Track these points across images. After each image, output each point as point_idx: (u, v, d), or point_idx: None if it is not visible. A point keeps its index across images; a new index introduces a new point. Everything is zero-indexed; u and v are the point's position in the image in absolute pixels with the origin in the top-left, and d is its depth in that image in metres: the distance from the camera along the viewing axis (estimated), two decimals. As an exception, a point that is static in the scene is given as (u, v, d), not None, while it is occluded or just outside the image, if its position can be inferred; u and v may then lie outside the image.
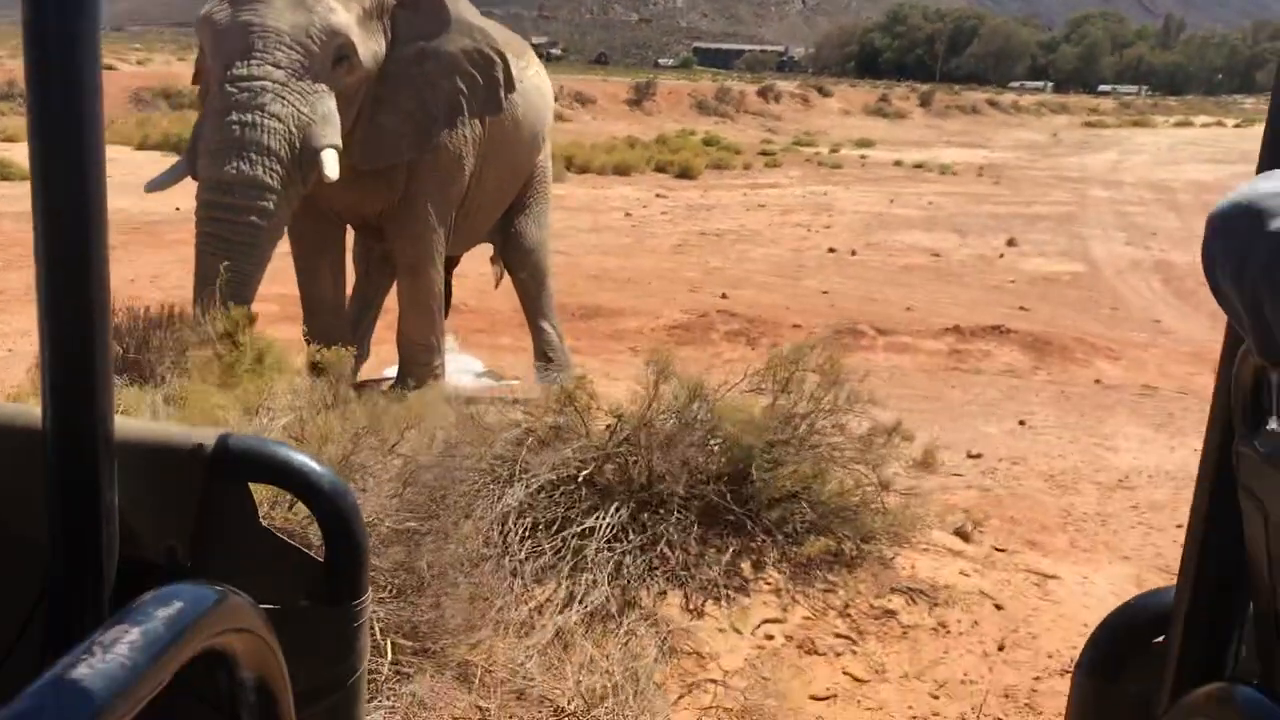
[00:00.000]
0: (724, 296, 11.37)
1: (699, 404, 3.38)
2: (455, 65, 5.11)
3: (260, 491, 1.09)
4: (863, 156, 34.25)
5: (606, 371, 7.80)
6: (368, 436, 2.84)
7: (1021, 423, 6.96)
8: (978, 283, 13.27)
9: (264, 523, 1.05)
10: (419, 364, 5.66)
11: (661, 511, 3.07)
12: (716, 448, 3.24)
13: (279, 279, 7.04)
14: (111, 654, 0.69)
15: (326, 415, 2.93)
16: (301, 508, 1.18)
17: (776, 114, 49.91)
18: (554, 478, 3.03)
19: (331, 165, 4.51)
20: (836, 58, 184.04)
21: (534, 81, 6.11)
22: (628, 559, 2.96)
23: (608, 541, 2.95)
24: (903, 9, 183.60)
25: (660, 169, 25.70)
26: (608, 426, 3.23)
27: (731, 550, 3.11)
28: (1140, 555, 4.03)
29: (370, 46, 4.80)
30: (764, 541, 3.18)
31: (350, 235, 6.24)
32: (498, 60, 5.22)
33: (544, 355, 6.54)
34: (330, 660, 1.05)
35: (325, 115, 4.53)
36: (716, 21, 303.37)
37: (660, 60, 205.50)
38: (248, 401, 3.40)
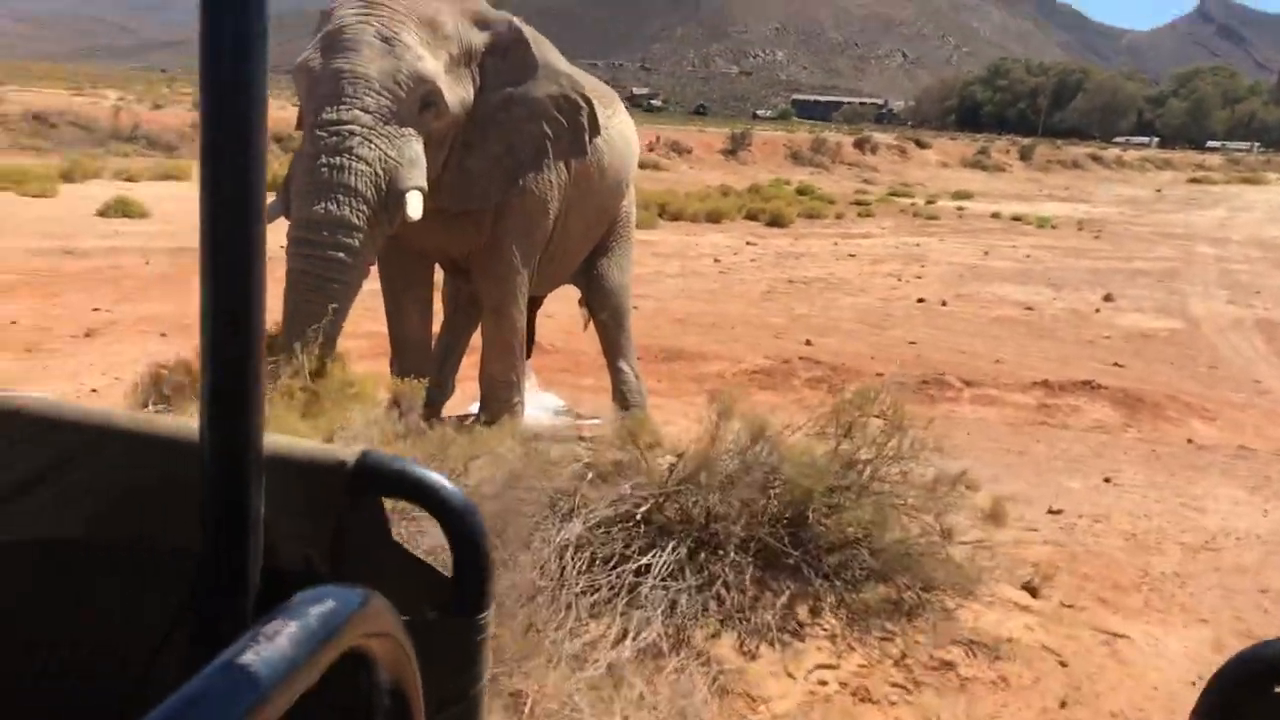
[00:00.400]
0: (808, 343, 11.32)
1: (761, 445, 3.37)
2: (541, 110, 5.22)
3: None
4: (959, 208, 33.91)
5: (685, 413, 7.83)
6: (434, 465, 2.90)
7: (1107, 480, 6.79)
8: (1071, 337, 13.00)
9: (395, 537, 1.09)
10: (499, 401, 5.74)
11: (719, 552, 3.06)
12: (777, 490, 3.23)
13: (370, 317, 7.24)
14: (274, 645, 0.73)
15: (397, 445, 3.00)
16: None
17: (873, 165, 49.76)
18: (612, 514, 3.04)
19: (415, 206, 4.61)
20: (936, 111, 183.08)
21: (620, 130, 6.20)
22: (683, 598, 2.95)
23: (663, 579, 2.95)
24: (1004, 63, 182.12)
25: (752, 217, 25.77)
26: (670, 466, 3.24)
27: (788, 594, 3.09)
28: (1219, 618, 3.88)
29: (457, 92, 4.91)
30: (822, 586, 3.14)
31: (440, 275, 6.39)
32: (583, 105, 5.32)
33: (621, 396, 6.59)
34: (455, 671, 1.08)
35: (411, 158, 4.64)
36: (815, 74, 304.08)
37: (759, 112, 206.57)
38: (326, 430, 3.49)
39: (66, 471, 1.18)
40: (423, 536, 2.31)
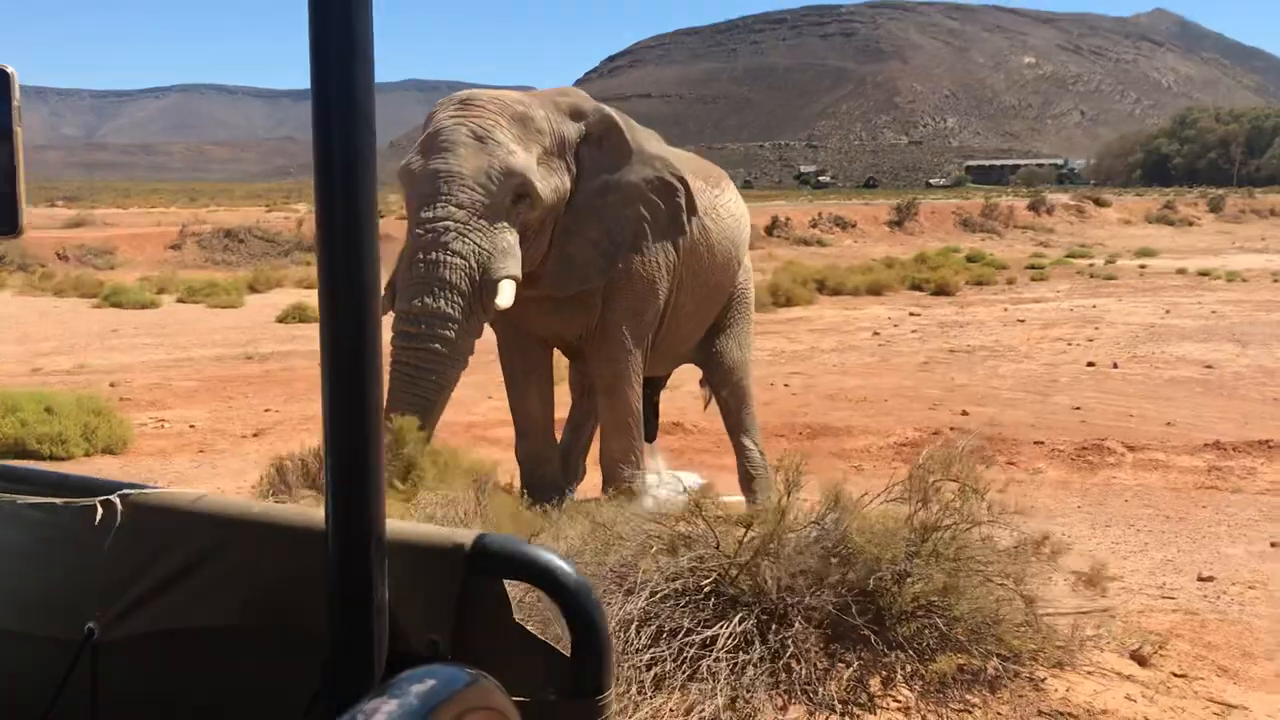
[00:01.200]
0: (964, 413, 11.03)
1: (832, 514, 3.33)
2: (638, 194, 5.36)
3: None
4: (1142, 266, 32.54)
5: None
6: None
7: (1275, 544, 6.35)
8: (1255, 395, 12.24)
9: (516, 618, 1.12)
10: (618, 480, 5.81)
11: (788, 624, 3.02)
12: (847, 559, 3.17)
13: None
14: None
15: (466, 522, 3.11)
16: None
17: (1049, 227, 48.34)
18: (679, 587, 3.05)
19: (506, 295, 4.80)
20: (1120, 167, 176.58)
21: (729, 208, 6.29)
22: (750, 670, 2.92)
23: (728, 651, 2.93)
24: (1191, 112, 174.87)
25: (916, 287, 25.39)
26: (738, 538, 3.23)
27: (858, 665, 3.01)
28: (1365, 691, 3.57)
29: (551, 183, 5.11)
30: (895, 657, 3.05)
31: (566, 361, 6.56)
32: (679, 186, 5.44)
33: (746, 473, 6.58)
34: None
35: (504, 249, 4.85)
36: (989, 139, 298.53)
37: (931, 181, 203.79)
38: (403, 511, 3.64)
39: (213, 561, 1.25)
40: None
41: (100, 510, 1.28)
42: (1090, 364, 14.33)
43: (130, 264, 28.13)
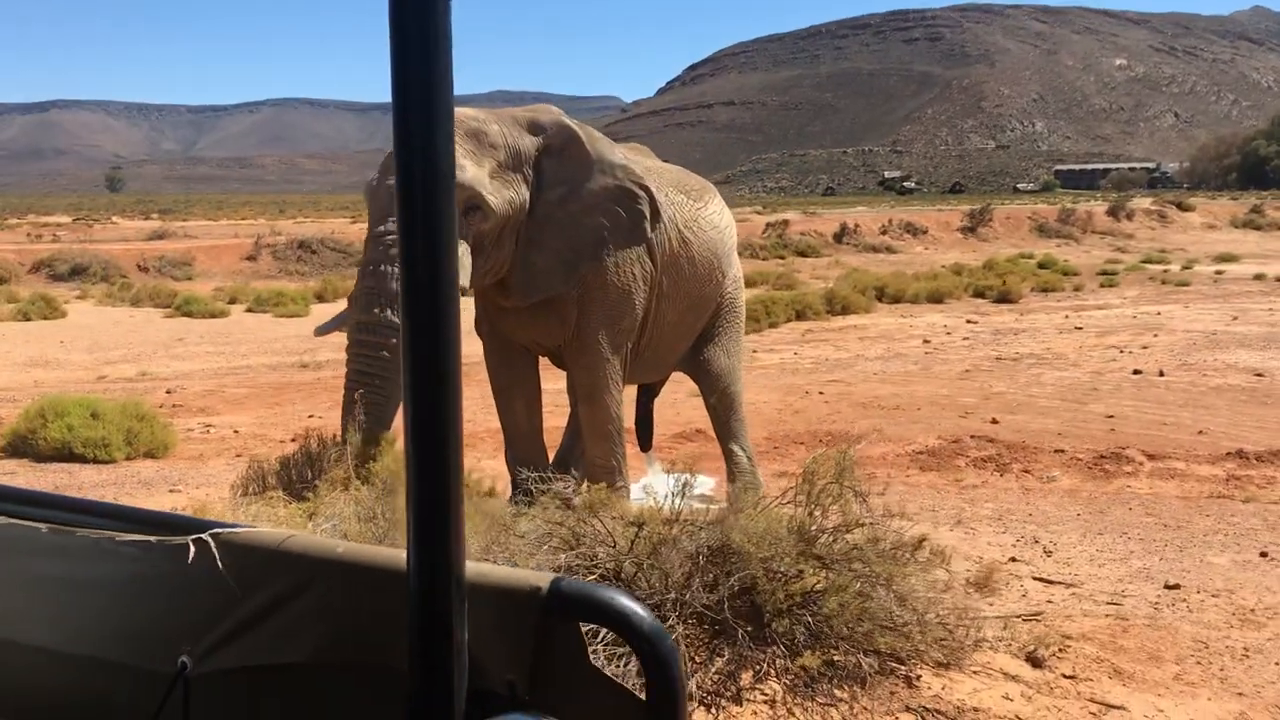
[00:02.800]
0: (994, 421, 10.99)
1: (726, 516, 3.46)
2: (598, 203, 5.56)
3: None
4: (1218, 272, 31.74)
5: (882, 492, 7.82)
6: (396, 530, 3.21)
7: (1264, 554, 6.29)
8: (1301, 404, 11.97)
9: (592, 660, 1.16)
10: (600, 486, 6.00)
11: (671, 619, 3.17)
12: (729, 558, 3.31)
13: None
14: None
15: (366, 524, 3.32)
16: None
17: (1128, 233, 47.32)
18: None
19: None
20: (1215, 170, 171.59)
21: (711, 220, 6.44)
22: (619, 662, 3.06)
23: (606, 645, 3.09)
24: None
25: (979, 294, 25.13)
26: (630, 537, 3.38)
27: (726, 658, 3.15)
28: (1261, 694, 3.58)
29: (505, 195, 5.32)
30: (769, 653, 3.17)
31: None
32: (640, 194, 5.60)
33: (734, 479, 6.71)
34: None
35: None
36: (1080, 143, 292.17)
37: (1019, 185, 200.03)
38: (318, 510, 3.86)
39: (299, 599, 1.28)
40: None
41: (192, 548, 1.32)
42: (1136, 372, 14.13)
43: (207, 274, 29.09)
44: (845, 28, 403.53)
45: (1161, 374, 13.90)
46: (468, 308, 6.50)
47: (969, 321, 20.71)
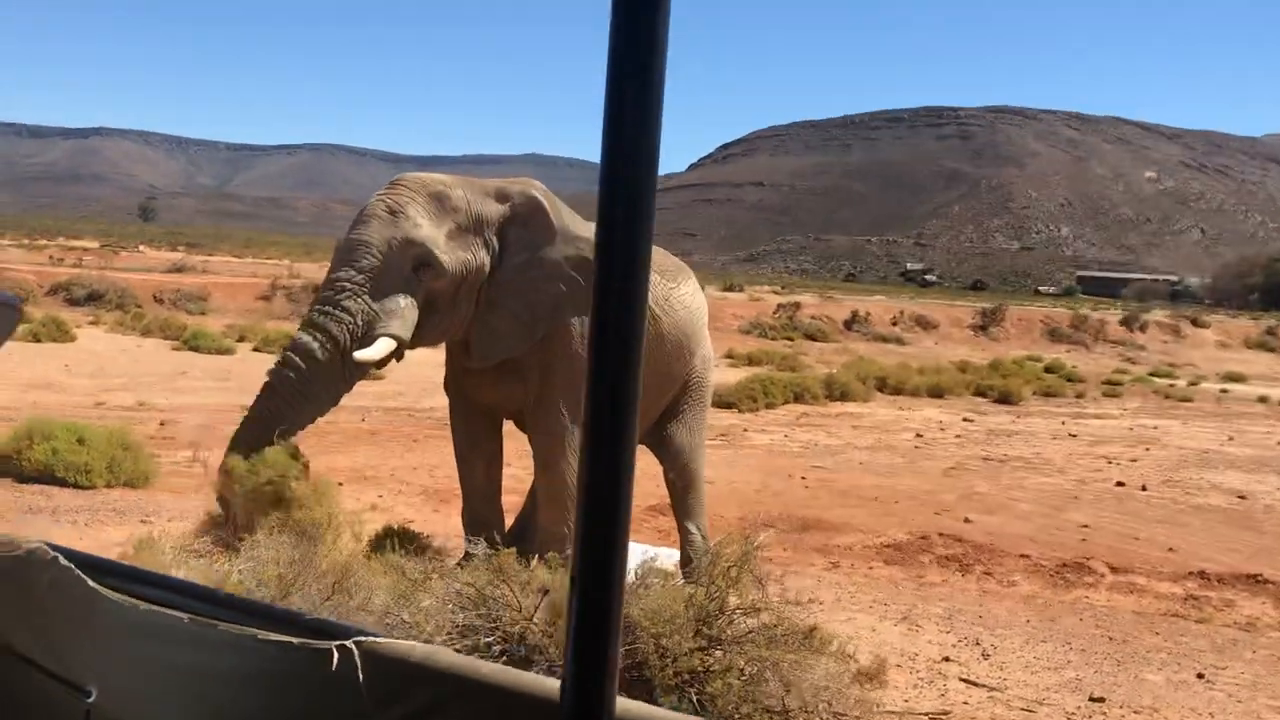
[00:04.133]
0: (967, 521, 11.07)
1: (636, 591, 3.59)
2: (559, 271, 5.80)
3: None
4: (1223, 390, 31.75)
5: (779, 580, 7.92)
6: (303, 577, 3.35)
7: (1200, 676, 6.36)
8: (1276, 530, 12.00)
9: None
10: (555, 549, 6.11)
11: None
12: (627, 631, 3.43)
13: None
14: None
15: (285, 569, 3.46)
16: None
17: (1140, 344, 47.42)
18: (471, 644, 3.35)
19: (376, 348, 5.34)
20: (1237, 288, 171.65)
21: (684, 300, 6.64)
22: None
23: None
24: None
25: (980, 393, 25.22)
26: (535, 603, 3.51)
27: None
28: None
29: (460, 255, 5.60)
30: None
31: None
32: None
33: (686, 556, 6.81)
34: None
35: (392, 310, 5.39)
36: (1105, 250, 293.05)
37: (1041, 288, 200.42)
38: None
39: (437, 717, 1.28)
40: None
41: (336, 654, 1.31)
42: (1119, 484, 14.19)
43: (220, 311, 29.49)
44: (879, 119, 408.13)
45: (1144, 488, 13.95)
46: (422, 361, 6.70)
47: (965, 419, 20.80)
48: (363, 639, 1.33)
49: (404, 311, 5.44)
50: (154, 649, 1.47)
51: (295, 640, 1.36)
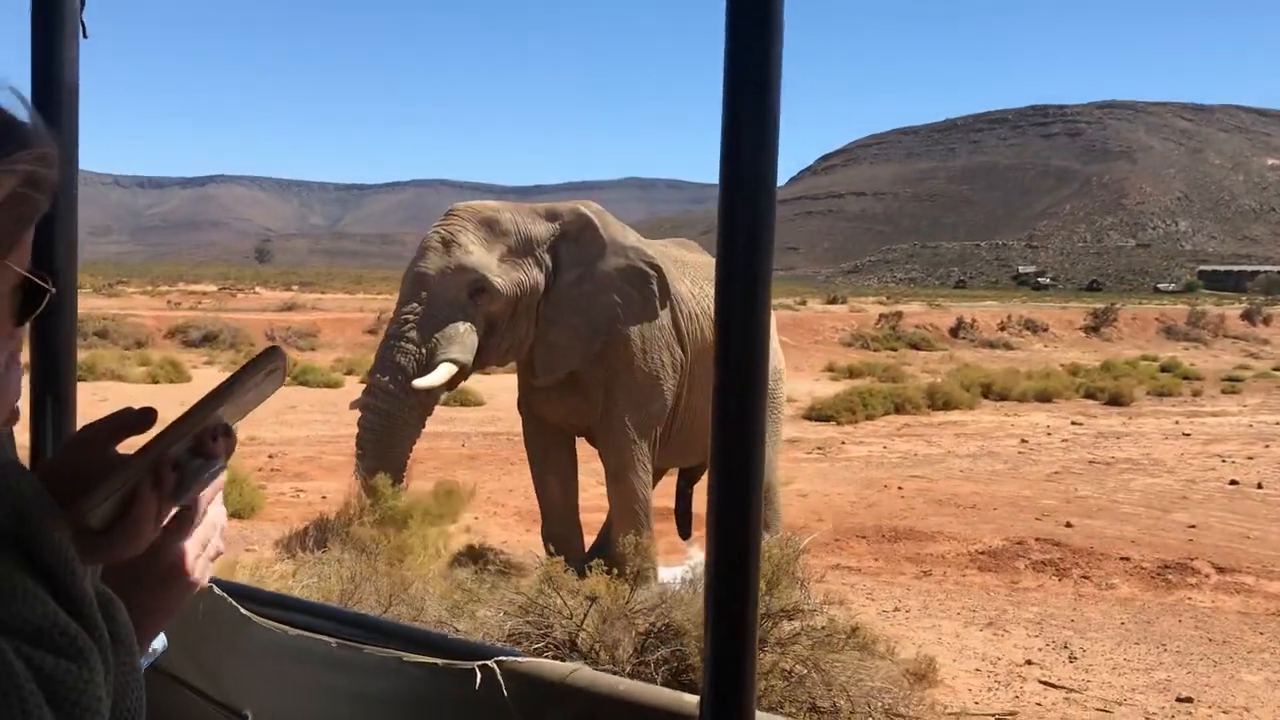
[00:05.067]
0: (1068, 525, 10.84)
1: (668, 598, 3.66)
2: (610, 282, 5.94)
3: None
4: (1354, 384, 30.30)
5: (869, 591, 7.90)
6: (362, 589, 3.50)
7: (1302, 676, 6.15)
8: None
9: None
10: (597, 559, 6.23)
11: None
12: (671, 636, 3.50)
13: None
14: None
15: (358, 582, 3.63)
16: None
17: (1264, 338, 45.59)
18: (529, 649, 3.46)
19: (438, 374, 5.56)
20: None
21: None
22: None
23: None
24: None
25: (1090, 395, 24.57)
26: (584, 609, 3.61)
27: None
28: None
29: (513, 277, 5.79)
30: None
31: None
32: (651, 273, 5.96)
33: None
34: None
35: (452, 336, 5.60)
36: (1226, 243, 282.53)
37: (1159, 285, 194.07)
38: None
39: None
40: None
41: (479, 674, 1.34)
42: (1233, 482, 13.71)
43: (330, 346, 30.37)
44: (981, 121, 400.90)
45: (1260, 486, 13.45)
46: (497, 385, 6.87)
47: (1073, 423, 20.30)
48: (504, 658, 1.35)
49: (463, 337, 5.66)
50: (304, 672, 1.52)
51: (440, 661, 1.39)
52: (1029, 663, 5.97)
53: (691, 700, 1.14)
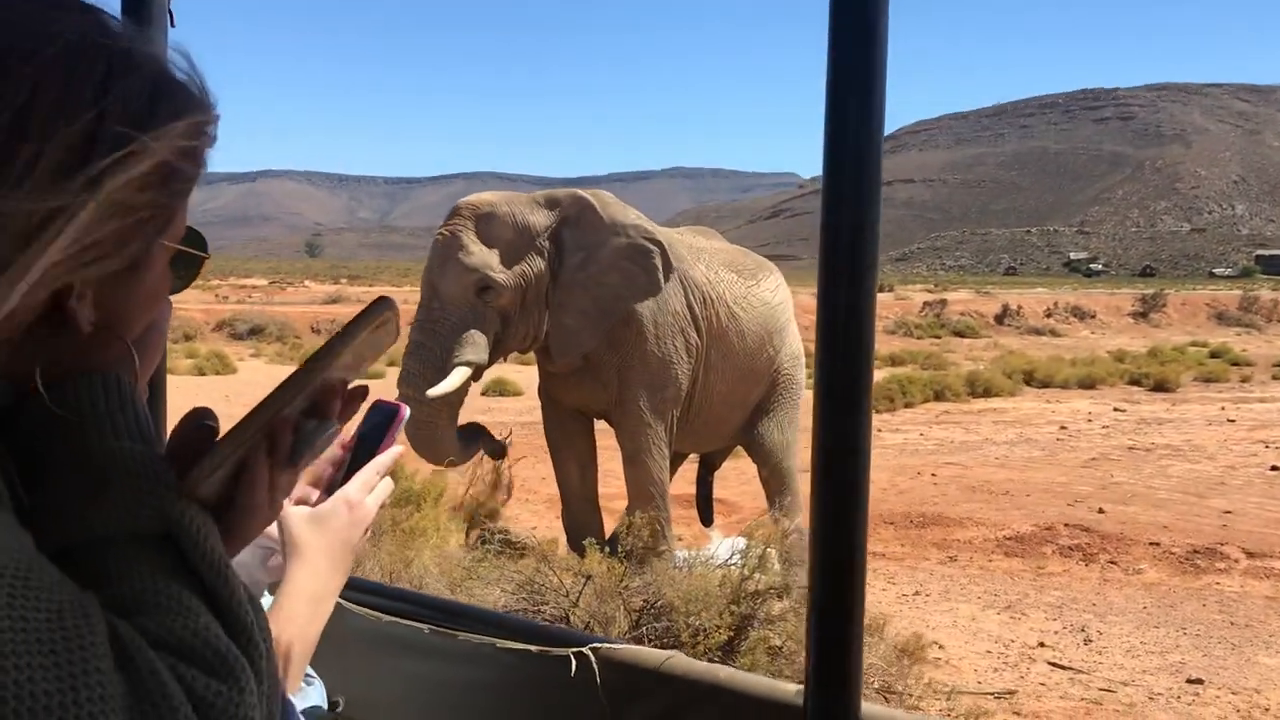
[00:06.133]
0: (1100, 511, 10.77)
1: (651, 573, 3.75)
2: (613, 262, 6.03)
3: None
4: None
5: (891, 576, 7.94)
6: (365, 565, 3.62)
7: (1322, 658, 6.11)
8: None
9: None
10: (590, 539, 6.30)
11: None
12: (662, 612, 3.59)
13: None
14: None
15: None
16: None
17: (1320, 322, 44.74)
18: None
19: (451, 380, 5.67)
20: None
21: (762, 297, 6.76)
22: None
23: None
24: None
25: (1134, 382, 24.29)
26: (578, 587, 3.71)
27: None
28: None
29: (517, 269, 5.89)
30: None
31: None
32: (653, 248, 6.04)
33: (785, 554, 6.88)
34: None
35: (464, 339, 5.72)
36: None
37: (1215, 270, 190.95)
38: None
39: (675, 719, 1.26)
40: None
41: (574, 661, 1.35)
42: (1275, 468, 13.52)
43: (374, 338, 30.69)
44: (1031, 106, 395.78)
45: (1301, 471, 13.27)
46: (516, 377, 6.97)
47: (1115, 410, 20.08)
48: (599, 645, 1.36)
49: (474, 337, 5.79)
50: (397, 659, 1.54)
51: (534, 648, 1.40)
52: (1041, 645, 5.99)
53: (792, 689, 1.14)
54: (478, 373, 5.95)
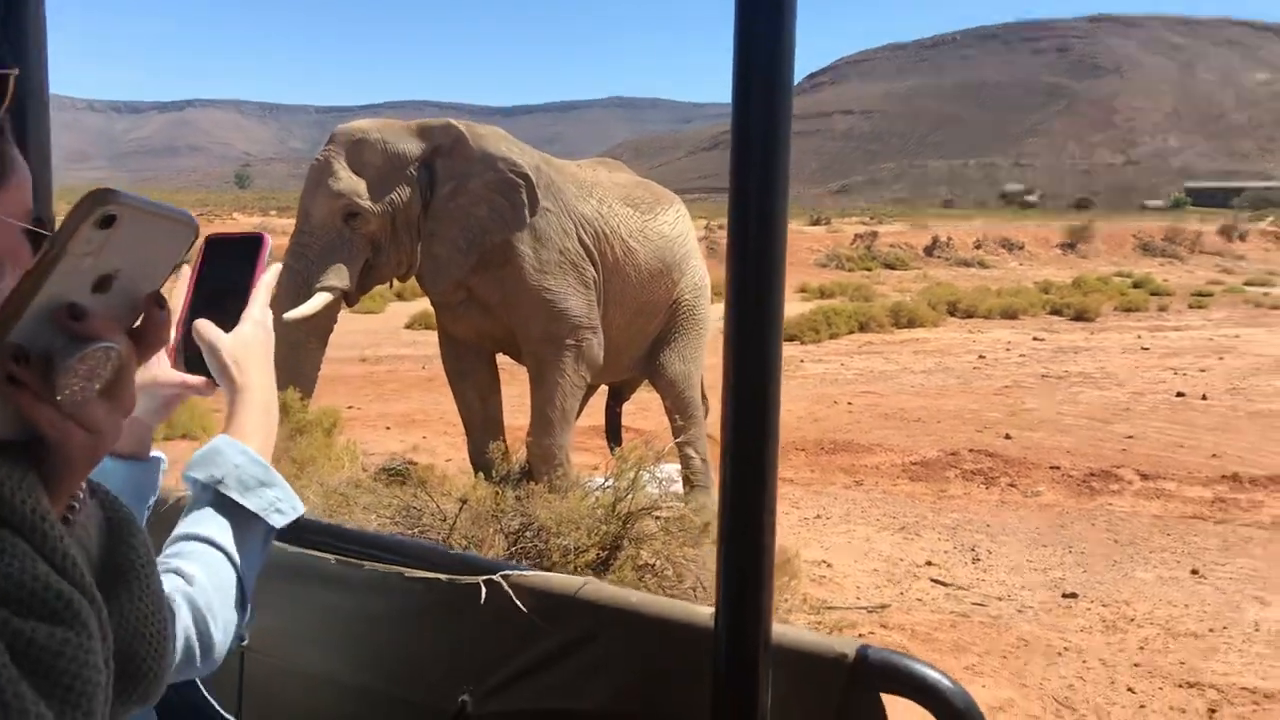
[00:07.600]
0: (1007, 437, 11.07)
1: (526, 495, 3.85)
2: (482, 194, 6.08)
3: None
4: (1324, 297, 30.58)
5: (795, 500, 8.12)
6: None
7: (1194, 572, 6.41)
8: (1342, 433, 11.73)
9: None
10: (539, 471, 6.35)
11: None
12: (536, 533, 3.70)
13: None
14: None
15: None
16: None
17: (1239, 254, 45.80)
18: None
19: (312, 304, 5.68)
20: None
21: (659, 230, 6.82)
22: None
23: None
24: None
25: (1056, 312, 24.81)
26: (456, 511, 3.80)
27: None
28: (1044, 686, 3.79)
29: (385, 197, 5.92)
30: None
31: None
32: (520, 182, 6.09)
33: (686, 478, 7.02)
34: None
35: (329, 264, 5.75)
36: (1215, 159, 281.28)
37: (1147, 202, 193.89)
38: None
39: (588, 648, 1.27)
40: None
41: (484, 589, 1.32)
42: (1179, 394, 13.96)
43: (303, 270, 30.36)
44: (971, 37, 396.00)
45: (1204, 397, 13.70)
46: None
47: (1035, 339, 20.53)
48: (510, 573, 1.34)
49: (339, 263, 5.81)
50: (302, 590, 1.50)
51: (443, 577, 1.37)
52: (929, 563, 6.20)
53: (705, 611, 1.14)
54: (344, 298, 5.98)
